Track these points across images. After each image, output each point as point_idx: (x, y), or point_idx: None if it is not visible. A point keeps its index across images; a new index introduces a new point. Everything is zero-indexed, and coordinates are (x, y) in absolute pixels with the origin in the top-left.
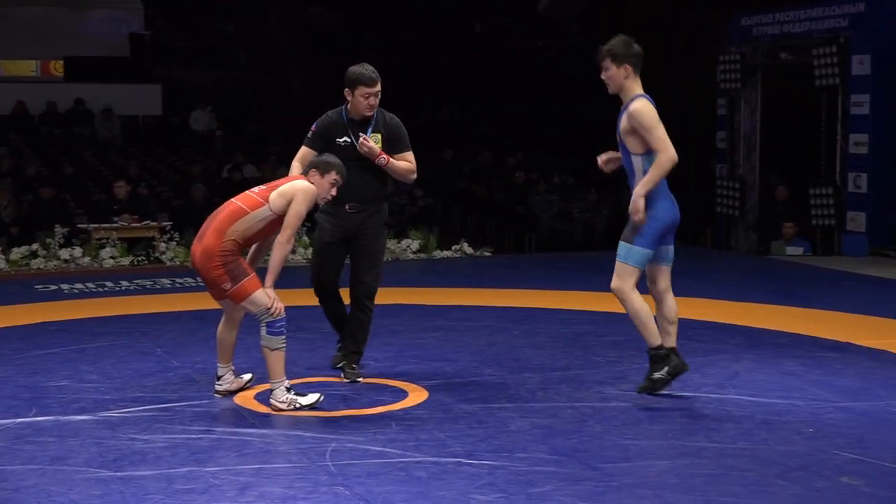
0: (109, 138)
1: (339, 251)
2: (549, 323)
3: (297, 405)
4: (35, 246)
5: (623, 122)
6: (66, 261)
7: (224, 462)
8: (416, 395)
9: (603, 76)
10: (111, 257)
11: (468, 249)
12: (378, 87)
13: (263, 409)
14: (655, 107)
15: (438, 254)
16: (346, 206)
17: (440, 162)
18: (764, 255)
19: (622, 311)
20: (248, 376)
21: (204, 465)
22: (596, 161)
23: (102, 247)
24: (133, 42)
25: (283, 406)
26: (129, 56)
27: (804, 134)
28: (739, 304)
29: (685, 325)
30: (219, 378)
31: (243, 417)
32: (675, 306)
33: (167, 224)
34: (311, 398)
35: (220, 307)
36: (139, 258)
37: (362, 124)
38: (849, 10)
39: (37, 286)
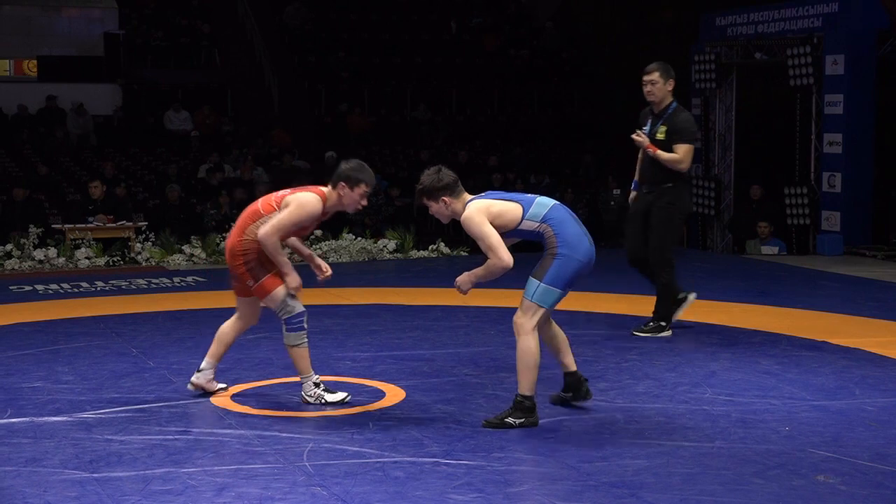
0: (82, 135)
1: (639, 224)
2: None
3: (323, 401)
4: (9, 247)
5: None
6: (40, 261)
7: (201, 463)
8: (394, 395)
9: (433, 213)
10: (86, 258)
11: (445, 249)
12: (652, 76)
13: (240, 409)
14: (494, 198)
15: (415, 254)
16: (644, 188)
17: (417, 161)
18: (739, 254)
19: (599, 310)
20: (221, 386)
21: (181, 466)
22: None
23: (77, 247)
24: (107, 41)
25: (311, 400)
26: (103, 55)
27: (779, 133)
28: (715, 304)
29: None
30: (199, 370)
31: (220, 418)
32: (562, 332)
33: (143, 224)
34: (339, 396)
35: (194, 307)
36: (114, 258)
37: (658, 116)
38: (822, 10)
39: (11, 287)
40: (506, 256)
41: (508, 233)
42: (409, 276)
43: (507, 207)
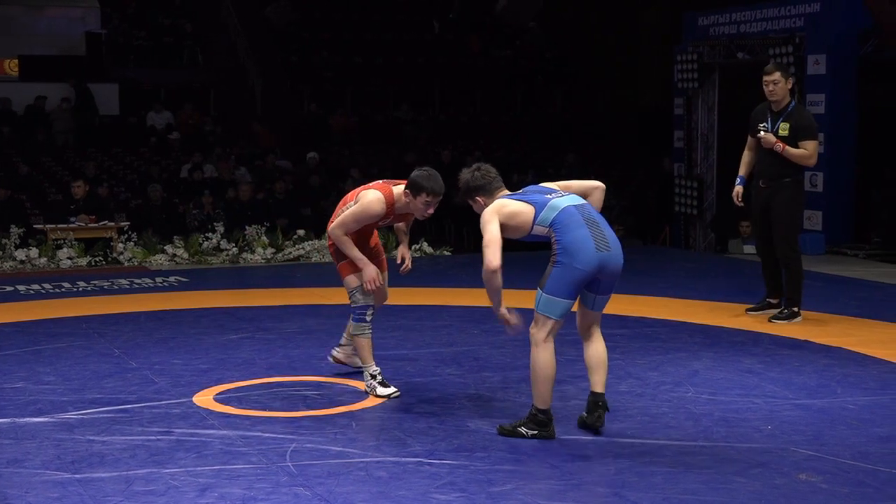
0: (66, 130)
1: (762, 219)
2: None
3: (375, 393)
4: None
5: None
6: (22, 262)
7: (183, 463)
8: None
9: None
10: (68, 258)
11: (428, 249)
12: (774, 76)
13: (223, 409)
14: (515, 197)
15: (398, 253)
16: (760, 182)
17: (400, 161)
18: (722, 253)
19: None
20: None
21: (163, 467)
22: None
23: (59, 247)
24: (89, 41)
25: (368, 390)
26: (85, 55)
27: None
28: (698, 303)
29: (644, 324)
30: (340, 344)
31: (203, 418)
32: (600, 350)
33: (125, 224)
34: (387, 391)
35: (176, 308)
36: (97, 259)
37: (779, 114)
38: (804, 10)
39: None
40: (490, 256)
41: (526, 237)
42: (391, 276)
43: (521, 209)
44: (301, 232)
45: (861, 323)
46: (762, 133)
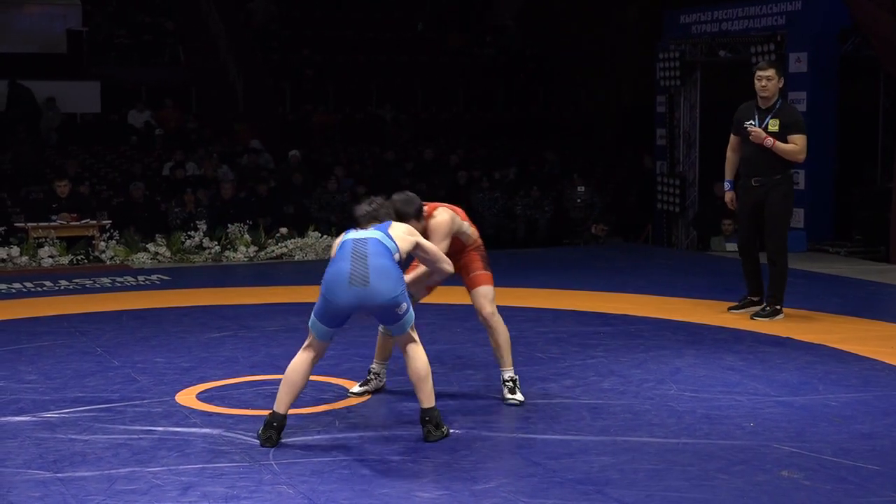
0: (48, 130)
1: (751, 218)
2: None
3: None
4: None
5: None
6: (2, 260)
7: (166, 462)
8: None
9: None
10: (50, 256)
11: None
12: (768, 72)
13: (206, 407)
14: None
15: None
16: (752, 181)
17: (382, 159)
18: (704, 251)
19: (566, 307)
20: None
21: (146, 466)
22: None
23: (41, 246)
24: (71, 38)
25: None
26: (66, 53)
27: None
28: (680, 300)
29: (627, 322)
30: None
31: (185, 417)
32: (412, 368)
33: (107, 222)
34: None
35: (158, 306)
36: (78, 257)
37: (767, 111)
38: (786, 9)
39: None
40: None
41: None
42: None
43: (338, 243)
44: (283, 230)
45: (842, 320)
46: (751, 127)
